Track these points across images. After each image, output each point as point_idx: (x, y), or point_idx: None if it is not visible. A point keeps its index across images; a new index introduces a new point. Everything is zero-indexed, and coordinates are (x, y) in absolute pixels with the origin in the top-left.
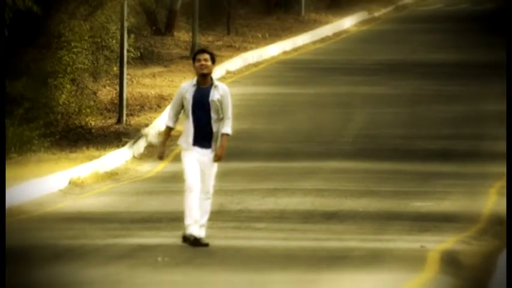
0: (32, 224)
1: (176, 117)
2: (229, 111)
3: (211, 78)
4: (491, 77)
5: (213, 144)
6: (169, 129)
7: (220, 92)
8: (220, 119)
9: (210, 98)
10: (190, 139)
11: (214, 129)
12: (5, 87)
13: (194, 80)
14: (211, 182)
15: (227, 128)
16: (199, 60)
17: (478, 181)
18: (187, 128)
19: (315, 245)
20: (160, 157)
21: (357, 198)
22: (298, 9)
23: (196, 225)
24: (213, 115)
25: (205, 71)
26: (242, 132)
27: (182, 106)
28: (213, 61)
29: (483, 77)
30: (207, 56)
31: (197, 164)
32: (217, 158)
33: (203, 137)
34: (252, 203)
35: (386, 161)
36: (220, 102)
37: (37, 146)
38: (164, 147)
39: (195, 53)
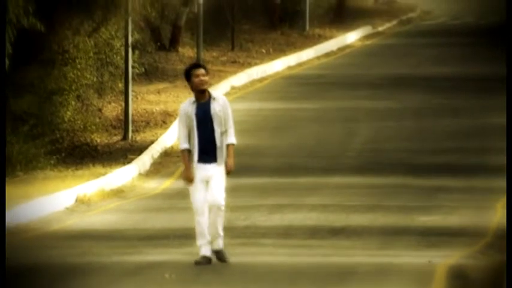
0: (39, 242)
1: (188, 138)
2: (231, 121)
3: (208, 92)
4: (496, 91)
5: (218, 157)
6: (187, 151)
7: (221, 103)
8: (224, 132)
9: (212, 112)
10: (195, 156)
11: (218, 143)
12: (5, 103)
13: (192, 98)
14: (220, 194)
15: (231, 138)
16: (197, 76)
17: (484, 195)
18: (191, 145)
19: (322, 261)
20: (191, 180)
21: (363, 213)
22: (302, 25)
23: (208, 246)
24: (217, 128)
25: (205, 87)
26: (247, 147)
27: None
28: (207, 74)
29: (488, 90)
30: (203, 70)
31: (202, 186)
32: (229, 169)
33: (208, 152)
34: (259, 219)
35: (392, 176)
36: (222, 113)
37: (43, 164)
38: (191, 170)
39: (188, 69)
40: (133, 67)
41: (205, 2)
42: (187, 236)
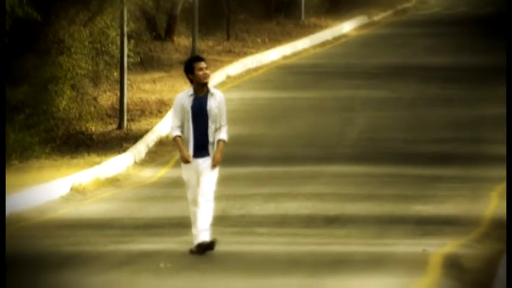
0: (34, 231)
1: (181, 127)
2: (224, 118)
3: (207, 86)
4: (491, 80)
5: (210, 152)
6: (180, 138)
7: (218, 99)
8: (218, 128)
9: (209, 107)
10: (190, 151)
11: (211, 139)
12: (4, 92)
13: (190, 90)
14: (209, 185)
15: (223, 134)
16: (201, 69)
17: (479, 184)
18: (185, 139)
19: (317, 250)
20: (188, 160)
21: (359, 202)
22: (298, 14)
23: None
24: (211, 124)
25: (208, 80)
26: (242, 137)
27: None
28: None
29: (483, 80)
30: (205, 64)
31: (196, 179)
32: (215, 162)
33: (202, 146)
34: (254, 208)
35: (388, 165)
36: (218, 109)
37: (38, 152)
38: (187, 153)
39: (190, 61)
40: (128, 56)
41: None
42: (182, 224)
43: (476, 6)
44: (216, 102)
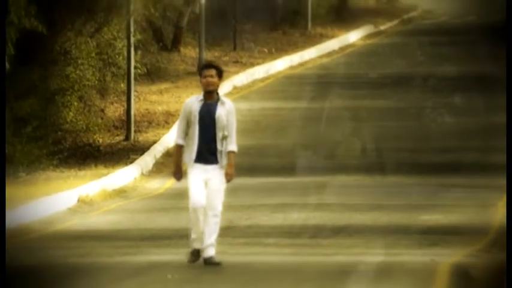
0: (41, 243)
1: (185, 134)
2: (233, 128)
3: (217, 94)
4: (498, 89)
5: (219, 159)
6: (180, 147)
7: (227, 108)
8: (225, 137)
9: (217, 115)
10: (193, 155)
11: (219, 147)
12: (5, 103)
13: (201, 96)
14: (218, 198)
15: (233, 145)
16: (205, 76)
17: (486, 194)
18: (190, 143)
19: (324, 260)
20: (179, 178)
21: (366, 212)
22: (304, 24)
23: (200, 241)
24: (218, 132)
25: (211, 88)
26: (250, 147)
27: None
28: (220, 76)
29: (490, 89)
30: (213, 71)
31: (202, 183)
32: (229, 178)
33: (207, 153)
34: (261, 219)
35: (394, 175)
36: (226, 118)
37: (45, 164)
38: (181, 168)
39: (201, 67)
40: (135, 67)
41: (207, 2)
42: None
43: (482, 15)
44: (225, 110)
